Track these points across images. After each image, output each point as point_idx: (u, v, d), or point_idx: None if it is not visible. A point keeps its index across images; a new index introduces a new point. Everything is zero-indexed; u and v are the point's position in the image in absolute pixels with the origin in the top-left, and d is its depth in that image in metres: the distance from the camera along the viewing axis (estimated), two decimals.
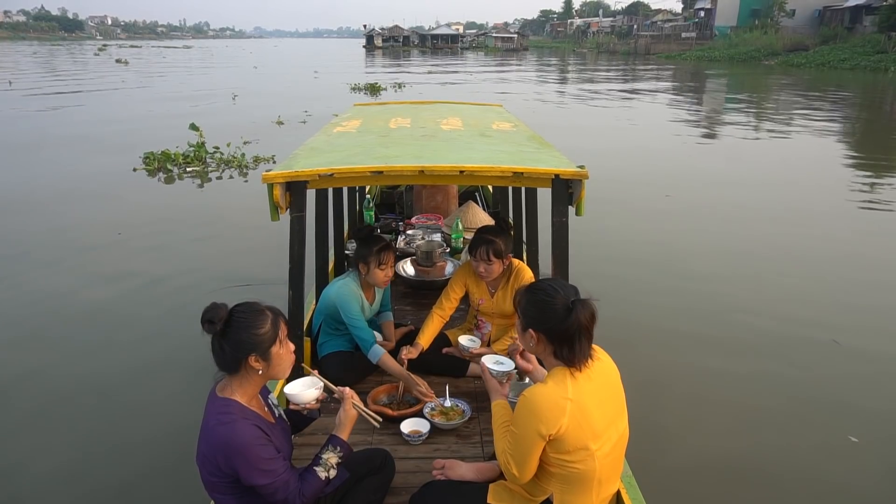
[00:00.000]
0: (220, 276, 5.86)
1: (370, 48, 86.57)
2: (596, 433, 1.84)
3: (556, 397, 1.81)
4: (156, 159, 10.73)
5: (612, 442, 1.90)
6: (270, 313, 1.87)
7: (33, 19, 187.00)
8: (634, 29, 77.60)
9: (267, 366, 1.87)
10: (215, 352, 1.84)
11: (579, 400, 1.82)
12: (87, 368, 4.41)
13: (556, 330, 1.86)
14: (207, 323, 1.81)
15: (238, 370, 1.86)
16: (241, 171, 10.56)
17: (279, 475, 1.83)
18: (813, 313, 5.22)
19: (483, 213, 5.31)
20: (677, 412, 3.87)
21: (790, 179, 9.97)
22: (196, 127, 11.72)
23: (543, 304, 1.90)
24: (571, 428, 1.80)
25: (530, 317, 1.94)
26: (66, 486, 3.25)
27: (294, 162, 2.69)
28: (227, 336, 1.81)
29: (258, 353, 1.84)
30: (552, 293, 1.90)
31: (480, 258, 3.05)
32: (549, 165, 2.59)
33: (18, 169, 10.55)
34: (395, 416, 2.83)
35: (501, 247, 3.03)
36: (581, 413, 1.81)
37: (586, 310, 1.86)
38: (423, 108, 4.48)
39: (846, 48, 40.39)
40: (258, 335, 1.83)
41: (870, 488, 3.24)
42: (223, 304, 1.85)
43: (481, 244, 3.04)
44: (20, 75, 32.14)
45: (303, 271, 2.77)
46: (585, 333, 1.86)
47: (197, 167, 10.65)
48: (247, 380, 1.88)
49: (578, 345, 1.85)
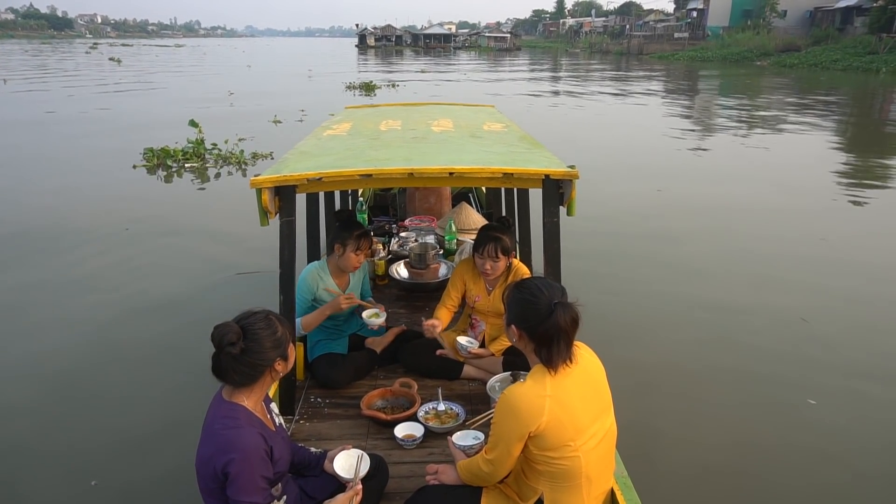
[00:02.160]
0: (226, 266, 6.07)
1: (363, 47, 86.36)
2: (579, 429, 1.86)
3: (534, 395, 1.84)
4: (155, 155, 10.81)
5: (597, 438, 1.92)
6: (273, 315, 1.89)
7: (22, 17, 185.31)
8: (627, 29, 77.80)
9: (286, 366, 1.89)
10: (234, 370, 1.79)
11: (559, 396, 1.85)
12: (96, 361, 4.45)
13: (537, 330, 1.89)
14: (228, 346, 1.75)
15: (259, 379, 1.84)
16: (240, 167, 10.69)
17: (260, 502, 1.79)
18: (815, 314, 5.23)
19: (476, 215, 5.30)
20: (673, 410, 3.87)
21: (779, 175, 10.14)
22: (195, 123, 11.79)
23: (526, 304, 1.94)
24: (552, 425, 1.82)
25: (514, 313, 1.98)
26: (67, 486, 3.23)
27: (283, 166, 2.67)
28: (248, 351, 1.78)
29: (281, 356, 1.86)
30: (536, 293, 1.94)
31: (488, 255, 3.02)
32: (540, 166, 2.58)
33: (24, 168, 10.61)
34: (389, 421, 2.82)
35: (508, 244, 3.04)
36: (561, 409, 1.83)
37: (567, 314, 1.88)
38: (414, 109, 4.47)
39: (838, 49, 40.64)
40: (277, 339, 1.84)
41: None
42: (228, 322, 1.81)
43: (489, 241, 3.02)
44: (12, 73, 31.83)
45: (293, 276, 2.76)
46: (564, 337, 1.88)
47: (195, 163, 10.76)
48: (260, 385, 1.87)
49: (556, 347, 1.87)
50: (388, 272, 4.46)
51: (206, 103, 19.44)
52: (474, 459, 2.06)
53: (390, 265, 4.51)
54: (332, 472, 2.17)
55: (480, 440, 2.40)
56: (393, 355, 3.41)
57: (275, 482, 1.91)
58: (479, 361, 3.19)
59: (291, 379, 2.96)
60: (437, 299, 4.20)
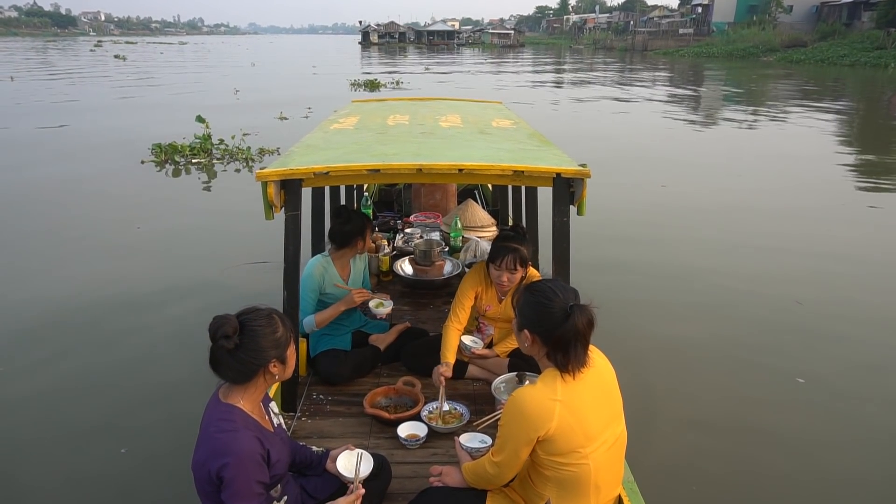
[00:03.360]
0: (234, 256, 6.18)
1: (366, 44, 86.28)
2: (589, 435, 1.81)
3: (544, 399, 1.79)
4: (163, 151, 10.90)
5: (607, 445, 1.87)
6: (276, 315, 1.83)
7: (25, 15, 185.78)
8: (631, 25, 77.46)
9: (283, 369, 1.83)
10: (227, 365, 1.74)
11: (569, 401, 1.79)
12: (109, 353, 4.48)
13: (552, 334, 1.83)
14: (223, 339, 1.70)
15: (253, 379, 1.78)
16: (247, 162, 10.77)
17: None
18: (814, 314, 5.19)
19: (482, 212, 5.25)
20: (680, 414, 3.81)
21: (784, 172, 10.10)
22: (202, 119, 11.84)
23: (541, 307, 1.88)
24: (561, 430, 1.77)
25: (527, 318, 1.92)
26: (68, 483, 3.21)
27: (289, 159, 2.62)
28: (243, 347, 1.73)
29: (278, 358, 1.79)
30: (551, 296, 1.88)
31: (506, 267, 2.88)
32: (551, 164, 2.53)
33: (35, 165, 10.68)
34: (393, 420, 2.77)
35: (526, 255, 2.91)
36: (571, 415, 1.78)
37: (584, 316, 1.83)
38: (421, 104, 4.41)
39: (845, 44, 40.37)
40: (277, 339, 1.78)
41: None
42: (228, 315, 1.75)
43: (507, 253, 2.87)
44: (20, 72, 31.94)
45: (298, 271, 2.72)
46: (581, 340, 1.83)
47: (202, 159, 10.86)
48: (256, 386, 1.81)
49: (574, 351, 1.82)
50: (393, 268, 4.41)
51: (213, 100, 19.49)
52: (480, 461, 2.01)
53: (395, 261, 4.46)
54: (335, 472, 2.12)
55: (487, 444, 2.35)
56: (396, 353, 3.36)
57: (273, 484, 1.87)
58: (483, 362, 3.14)
59: (294, 375, 2.91)
60: (442, 297, 4.21)
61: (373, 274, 4.29)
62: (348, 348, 3.30)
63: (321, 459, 2.18)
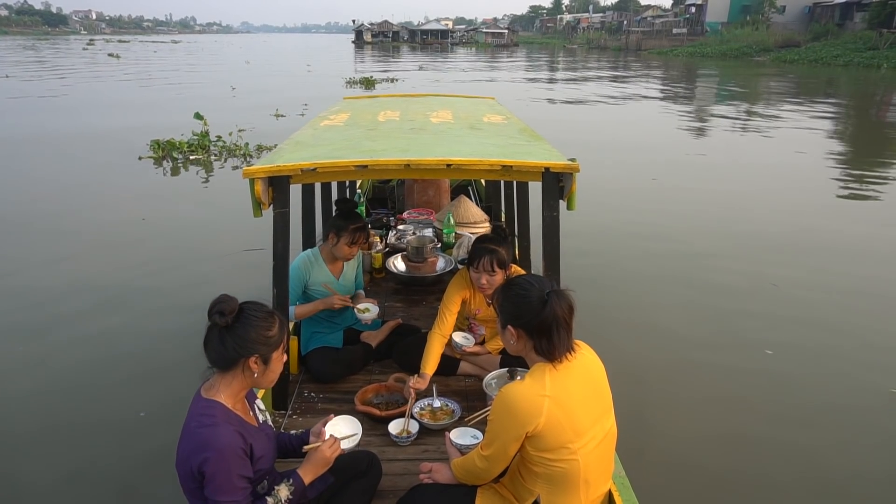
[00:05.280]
0: (233, 251, 6.26)
1: (359, 43, 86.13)
2: (578, 431, 1.80)
3: (533, 395, 1.78)
4: (161, 147, 10.90)
5: (597, 440, 1.86)
6: (277, 317, 1.82)
7: (16, 13, 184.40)
8: (624, 25, 77.64)
9: (264, 370, 1.80)
10: (213, 345, 1.75)
11: (558, 396, 1.78)
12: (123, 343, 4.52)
13: (534, 323, 1.84)
14: (217, 314, 1.71)
15: (232, 369, 1.77)
16: (245, 159, 10.81)
17: (239, 501, 1.73)
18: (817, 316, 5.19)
19: (475, 208, 5.23)
20: (671, 408, 3.81)
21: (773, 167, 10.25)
22: (200, 116, 11.84)
23: (519, 299, 1.90)
24: (550, 425, 1.76)
25: (508, 313, 1.93)
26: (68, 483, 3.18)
27: (277, 156, 2.60)
28: (233, 331, 1.73)
29: (261, 355, 1.77)
30: (527, 287, 1.90)
31: (483, 269, 2.83)
32: (540, 158, 2.51)
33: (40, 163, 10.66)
34: (383, 417, 2.75)
35: (505, 256, 2.86)
36: (560, 410, 1.77)
37: (563, 301, 1.85)
38: (413, 101, 4.39)
39: (838, 45, 40.57)
40: (267, 336, 1.77)
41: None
42: (233, 297, 1.77)
43: (483, 254, 2.82)
44: (13, 69, 31.71)
45: (287, 268, 2.69)
46: (563, 325, 1.84)
47: (200, 155, 10.87)
48: (236, 380, 1.79)
49: (557, 336, 1.82)
50: (385, 265, 4.39)
51: (209, 97, 19.44)
52: (469, 455, 2.00)
53: (387, 258, 4.44)
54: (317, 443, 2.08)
55: (479, 439, 2.33)
56: (388, 350, 3.34)
57: (259, 480, 1.85)
58: (475, 358, 3.12)
59: (285, 373, 2.89)
60: (434, 293, 4.17)
61: (365, 271, 4.27)
62: (340, 346, 3.28)
63: (301, 441, 2.12)
